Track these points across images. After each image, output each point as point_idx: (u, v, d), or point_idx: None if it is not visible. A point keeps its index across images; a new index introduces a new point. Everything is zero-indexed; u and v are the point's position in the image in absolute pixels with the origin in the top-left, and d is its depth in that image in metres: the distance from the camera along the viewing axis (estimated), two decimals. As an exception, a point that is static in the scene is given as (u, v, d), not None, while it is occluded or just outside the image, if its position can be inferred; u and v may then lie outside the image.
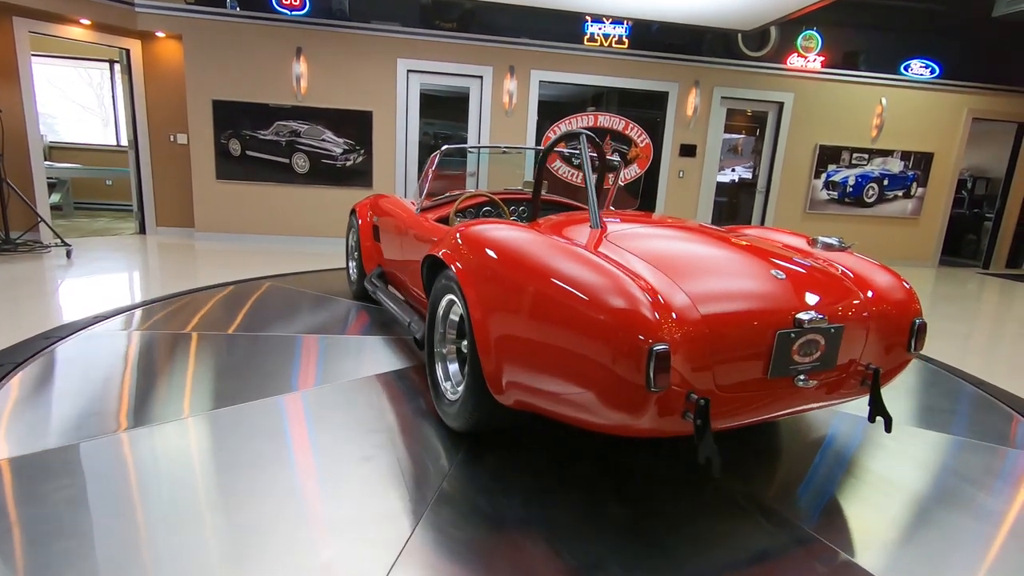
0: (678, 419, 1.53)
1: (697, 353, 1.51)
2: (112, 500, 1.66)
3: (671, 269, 1.71)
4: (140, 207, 6.72)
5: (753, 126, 8.09)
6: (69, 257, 5.13)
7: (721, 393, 1.58)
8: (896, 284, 1.98)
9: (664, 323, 1.47)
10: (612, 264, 1.66)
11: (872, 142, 7.50)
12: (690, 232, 2.18)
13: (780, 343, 1.63)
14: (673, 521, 1.73)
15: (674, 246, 2.00)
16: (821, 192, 7.56)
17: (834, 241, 2.17)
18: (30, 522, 1.53)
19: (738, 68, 7.07)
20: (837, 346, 1.73)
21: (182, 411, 2.24)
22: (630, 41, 6.78)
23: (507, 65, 6.62)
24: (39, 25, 5.63)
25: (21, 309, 3.56)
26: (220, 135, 6.37)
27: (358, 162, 6.64)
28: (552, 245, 1.81)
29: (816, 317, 1.66)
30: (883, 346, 1.87)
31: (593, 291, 1.55)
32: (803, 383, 1.70)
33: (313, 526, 1.59)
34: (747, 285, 1.74)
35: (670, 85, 7.00)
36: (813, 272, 1.91)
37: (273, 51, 6.25)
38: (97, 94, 9.49)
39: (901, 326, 1.89)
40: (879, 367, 1.84)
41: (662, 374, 1.42)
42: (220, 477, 1.81)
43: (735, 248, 2.00)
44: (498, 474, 1.91)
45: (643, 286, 1.55)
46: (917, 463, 2.20)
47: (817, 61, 7.16)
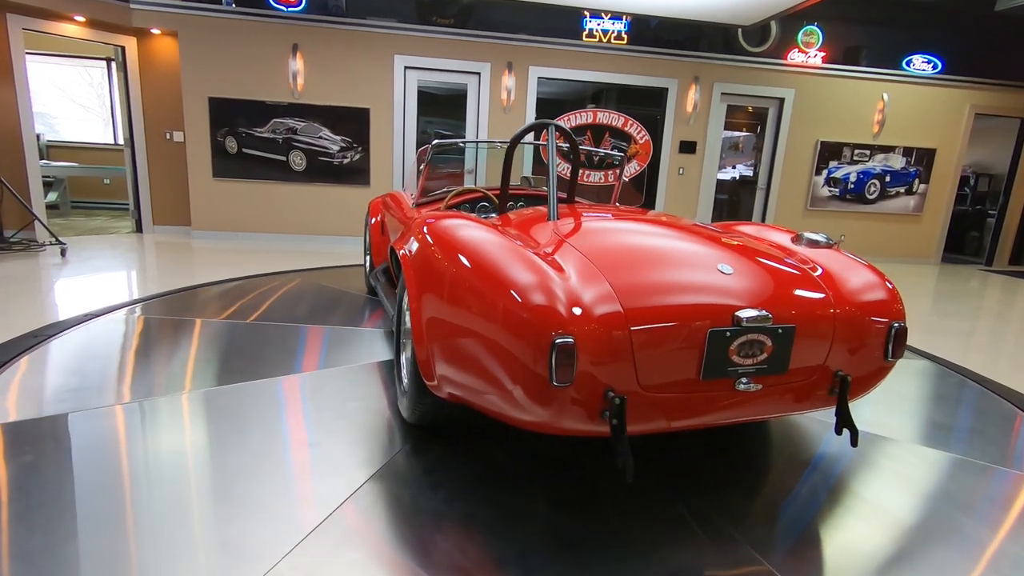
0: (597, 418, 1.48)
1: (614, 348, 1.45)
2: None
3: (607, 262, 1.64)
4: (136, 205, 6.69)
5: (753, 123, 8.04)
6: (64, 256, 5.10)
7: (647, 393, 1.52)
8: (875, 283, 1.83)
9: (572, 316, 1.43)
10: (540, 257, 1.64)
11: (874, 138, 7.44)
12: (653, 225, 2.11)
13: (713, 342, 1.54)
14: (601, 529, 1.64)
15: (623, 239, 1.92)
16: (822, 189, 7.50)
17: (819, 237, 2.07)
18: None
19: (738, 64, 7.01)
20: (788, 349, 1.62)
21: (177, 388, 2.42)
22: (629, 37, 6.72)
23: (505, 61, 6.57)
24: (33, 22, 5.59)
25: (11, 308, 3.52)
26: (216, 133, 6.33)
27: (355, 160, 6.60)
28: (484, 237, 1.76)
29: (758, 315, 1.56)
30: (853, 351, 1.73)
31: (505, 282, 1.53)
32: (746, 387, 1.60)
33: (228, 503, 1.65)
34: (686, 279, 1.66)
35: (669, 81, 6.95)
36: (774, 269, 1.79)
37: (269, 48, 6.20)
38: (98, 94, 9.46)
39: (875, 330, 1.74)
40: (848, 374, 1.72)
41: (564, 368, 1.38)
42: (167, 454, 1.91)
43: (691, 242, 1.90)
44: (435, 468, 1.91)
45: (555, 279, 1.52)
46: (909, 486, 2.00)
47: (818, 56, 7.10)
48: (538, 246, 1.78)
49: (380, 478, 1.82)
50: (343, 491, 1.73)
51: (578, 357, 1.41)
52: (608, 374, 1.45)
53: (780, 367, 1.63)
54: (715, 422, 1.69)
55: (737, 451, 2.17)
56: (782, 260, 1.88)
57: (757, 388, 1.61)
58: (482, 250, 1.68)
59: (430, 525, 1.60)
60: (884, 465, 2.12)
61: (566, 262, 1.64)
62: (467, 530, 1.59)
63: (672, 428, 1.62)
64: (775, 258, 1.89)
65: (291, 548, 1.47)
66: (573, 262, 1.64)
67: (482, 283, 1.57)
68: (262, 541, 1.49)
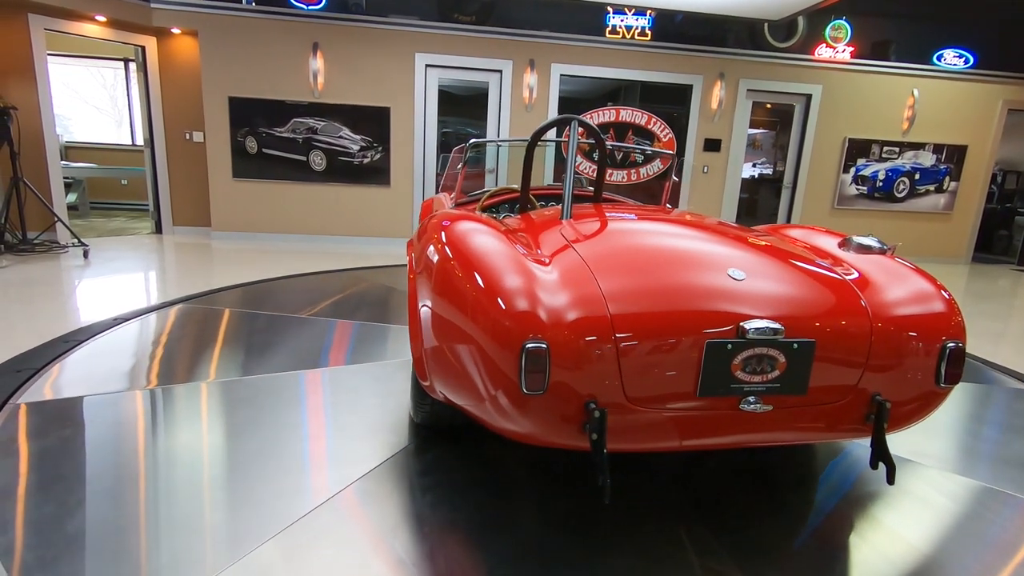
0: (579, 431, 1.38)
1: (595, 356, 1.35)
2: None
3: (603, 265, 1.52)
4: (156, 206, 6.65)
5: (772, 120, 7.89)
6: (86, 257, 5.06)
7: (635, 407, 1.40)
8: (927, 294, 1.59)
9: (546, 320, 1.34)
10: (532, 258, 1.54)
11: (903, 135, 7.26)
12: (673, 225, 1.97)
13: (712, 355, 1.39)
14: (585, 548, 1.53)
15: (630, 241, 1.78)
16: (850, 187, 7.34)
17: (870, 242, 1.83)
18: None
19: (764, 60, 6.86)
20: (806, 366, 1.44)
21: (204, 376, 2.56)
22: (653, 33, 6.60)
23: (527, 59, 6.47)
24: (55, 23, 5.55)
25: (39, 311, 3.47)
26: (236, 133, 6.28)
27: (376, 159, 6.52)
28: (475, 236, 1.65)
29: (767, 327, 1.39)
30: (895, 373, 1.51)
31: (483, 282, 1.44)
32: (753, 407, 1.43)
33: (220, 489, 1.71)
34: (688, 284, 1.50)
35: (694, 78, 6.81)
36: (800, 276, 1.60)
37: (289, 47, 6.14)
38: (111, 95, 9.46)
39: (923, 349, 1.50)
40: (888, 400, 1.50)
41: (535, 375, 1.30)
42: (184, 439, 2.02)
43: (705, 244, 1.76)
44: (431, 470, 1.87)
45: (538, 281, 1.42)
46: (942, 525, 1.74)
47: (846, 51, 6.93)
48: (537, 247, 1.68)
49: (373, 476, 1.80)
50: (332, 487, 1.73)
51: (552, 364, 1.32)
52: (590, 384, 1.35)
53: (797, 387, 1.46)
54: (718, 445, 1.54)
55: (761, 473, 2.01)
56: (814, 265, 1.70)
57: (767, 409, 1.44)
58: (469, 249, 1.59)
59: (408, 528, 1.57)
60: (920, 495, 1.91)
61: (559, 264, 1.53)
62: (442, 537, 1.54)
63: (667, 448, 1.49)
64: (806, 263, 1.70)
65: (260, 544, 1.47)
66: (566, 264, 1.53)
67: (463, 282, 1.50)
68: (242, 530, 1.53)
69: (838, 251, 1.88)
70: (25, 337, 2.93)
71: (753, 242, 1.81)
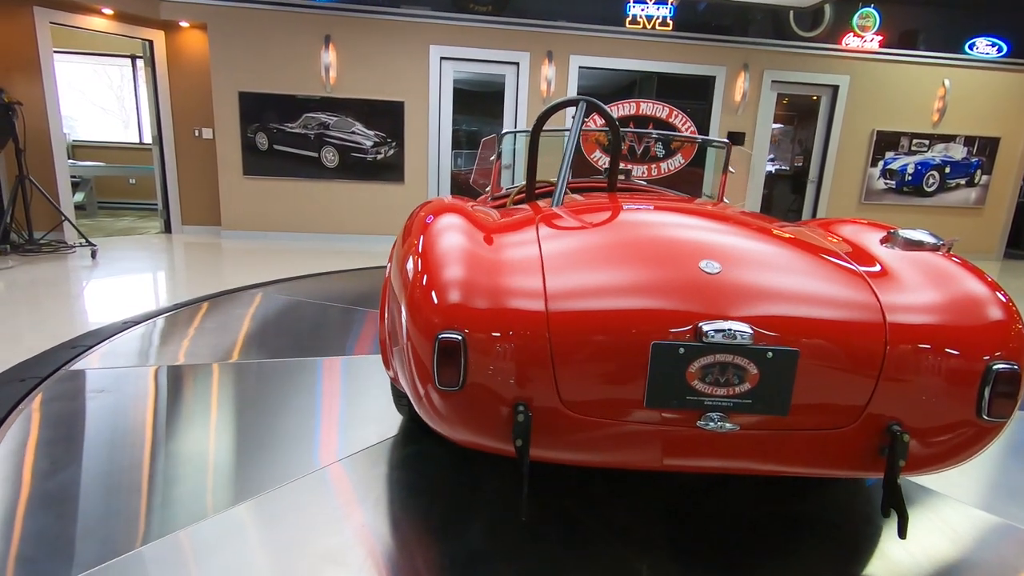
0: (506, 434, 1.25)
1: (524, 353, 1.22)
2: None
3: (560, 258, 1.36)
4: (165, 205, 6.50)
5: (790, 115, 7.66)
6: (94, 258, 4.90)
7: (572, 413, 1.25)
8: (976, 300, 1.29)
9: (465, 311, 1.23)
10: (486, 247, 1.39)
11: (933, 127, 7.01)
12: (670, 215, 1.75)
13: (660, 359, 1.20)
14: (520, 570, 1.40)
15: (605, 234, 1.55)
16: (878, 181, 7.10)
17: (922, 236, 1.52)
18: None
19: (790, 50, 6.63)
20: (787, 380, 1.21)
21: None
22: (674, 23, 6.38)
23: (545, 50, 6.26)
24: (60, 16, 5.40)
25: (47, 313, 3.31)
26: (247, 129, 6.11)
27: (389, 155, 6.34)
28: (440, 225, 1.50)
29: (729, 329, 1.18)
30: (916, 396, 1.23)
31: (419, 267, 1.34)
32: (716, 426, 1.23)
33: (214, 454, 1.81)
34: (643, 279, 1.31)
35: (717, 69, 6.59)
36: (798, 268, 1.37)
37: (301, 39, 5.96)
38: (117, 95, 9.31)
39: (958, 367, 1.21)
40: (907, 432, 1.23)
41: (448, 369, 1.21)
42: (190, 414, 2.14)
43: (691, 234, 1.52)
44: (403, 465, 1.83)
45: (477, 270, 1.30)
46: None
47: (875, 41, 6.69)
48: (503, 235, 1.50)
49: (340, 467, 1.79)
50: (293, 472, 1.74)
51: (469, 359, 1.21)
52: (518, 384, 1.22)
53: (774, 405, 1.23)
54: (676, 467, 1.32)
55: (760, 500, 1.71)
56: (823, 257, 1.44)
57: (731, 429, 1.23)
58: (419, 235, 1.46)
59: (347, 526, 1.52)
60: (941, 532, 1.59)
61: (510, 256, 1.37)
62: (381, 539, 1.47)
63: (613, 464, 1.32)
64: (814, 253, 1.44)
65: (200, 519, 1.50)
66: (518, 257, 1.37)
67: (403, 269, 1.41)
68: (190, 503, 1.57)
69: (875, 248, 1.56)
70: (32, 341, 2.76)
71: (758, 233, 1.56)
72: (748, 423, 1.24)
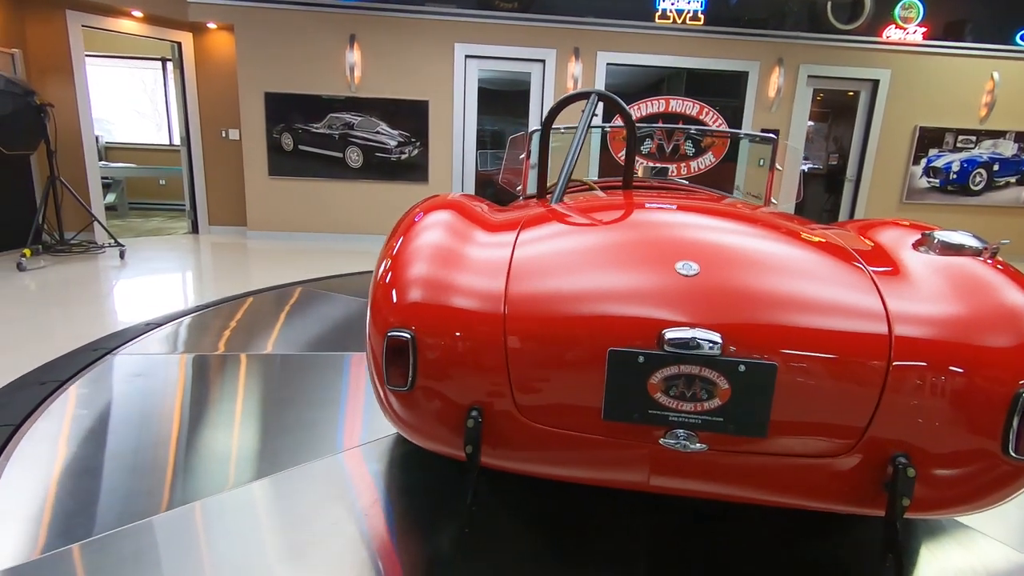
0: (459, 439, 1.20)
1: (475, 355, 1.16)
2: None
3: (534, 260, 1.27)
4: (193, 206, 6.55)
5: (824, 112, 7.38)
6: (123, 258, 4.94)
7: (528, 421, 1.18)
8: (1011, 315, 1.10)
9: (416, 308, 1.19)
10: (454, 247, 1.32)
11: (981, 122, 6.67)
12: (672, 214, 1.58)
13: (618, 368, 1.10)
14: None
15: (590, 233, 1.43)
16: (920, 180, 6.78)
17: (963, 239, 1.32)
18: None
19: (827, 43, 6.37)
20: (764, 397, 1.07)
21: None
22: (706, 17, 6.18)
23: (572, 47, 6.13)
24: (92, 19, 5.47)
25: (74, 313, 3.31)
26: (272, 129, 6.11)
27: (413, 155, 6.28)
28: (425, 222, 1.45)
29: (693, 338, 1.06)
30: (928, 427, 1.06)
31: (385, 266, 1.31)
32: (680, 445, 1.11)
33: (233, 450, 1.84)
34: (614, 282, 1.19)
35: (750, 64, 6.37)
36: (793, 269, 1.21)
37: (326, 39, 5.94)
38: (151, 99, 9.47)
39: (980, 394, 1.04)
40: (912, 465, 1.06)
41: (396, 369, 1.19)
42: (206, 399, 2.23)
43: (679, 233, 1.37)
44: (394, 465, 1.78)
45: (432, 270, 1.24)
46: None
47: (918, 32, 6.39)
48: (487, 235, 1.42)
49: (359, 451, 1.81)
50: (313, 455, 1.79)
51: (419, 358, 1.18)
52: (471, 388, 1.18)
53: (748, 425, 1.09)
54: (639, 486, 1.21)
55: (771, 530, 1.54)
56: (827, 257, 1.27)
57: (699, 449, 1.11)
58: (404, 231, 1.42)
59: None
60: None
61: (481, 255, 1.30)
62: (349, 542, 1.42)
63: (572, 478, 1.25)
64: (818, 253, 1.28)
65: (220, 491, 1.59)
66: (487, 256, 1.30)
67: (379, 264, 1.38)
68: (213, 478, 1.66)
69: (903, 251, 1.36)
70: (54, 343, 2.75)
71: (761, 232, 1.40)
72: (720, 444, 1.12)
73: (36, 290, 3.84)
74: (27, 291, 3.81)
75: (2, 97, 4.29)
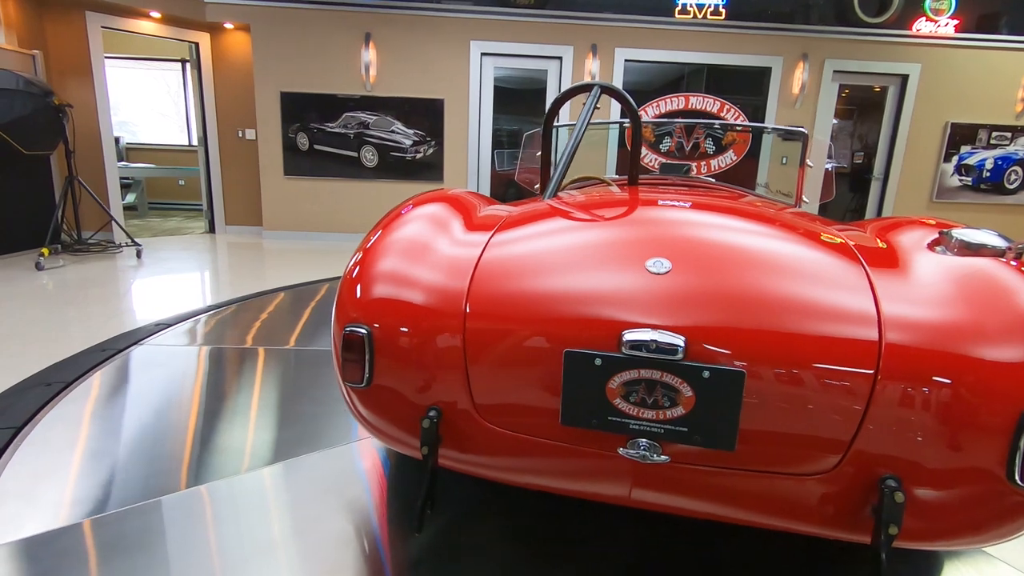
0: (416, 441, 1.17)
1: (435, 355, 1.13)
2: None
3: (504, 258, 1.21)
4: (209, 205, 6.58)
5: (849, 108, 7.16)
6: (139, 257, 4.96)
7: (486, 422, 1.14)
8: (1021, 325, 0.96)
9: (373, 304, 1.17)
10: (434, 241, 1.28)
11: (1016, 118, 6.41)
12: (664, 211, 1.47)
13: (574, 369, 1.04)
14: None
15: (569, 230, 1.35)
16: (951, 178, 6.54)
17: (985, 237, 1.17)
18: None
19: (854, 37, 6.17)
20: (731, 407, 0.98)
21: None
22: (727, 11, 6.03)
23: (589, 44, 6.02)
24: (111, 20, 5.51)
25: (88, 313, 3.31)
26: (288, 129, 6.11)
27: (428, 154, 6.23)
28: (410, 215, 1.41)
29: (653, 340, 0.98)
30: (921, 448, 0.95)
31: (356, 259, 1.30)
32: (639, 455, 1.03)
33: (249, 436, 1.91)
34: (581, 280, 1.11)
35: (773, 60, 6.20)
36: (778, 265, 1.10)
37: (341, 38, 5.91)
38: (175, 101, 9.57)
39: (983, 413, 0.91)
40: (901, 486, 0.95)
41: (352, 365, 1.16)
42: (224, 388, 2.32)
43: (656, 229, 1.28)
44: (389, 462, 1.78)
45: (399, 265, 1.21)
46: None
47: (950, 25, 6.16)
48: (468, 233, 1.35)
49: (321, 457, 1.80)
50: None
51: (376, 355, 1.15)
52: (429, 387, 1.14)
53: (715, 437, 1.00)
54: (599, 496, 1.14)
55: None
56: (825, 263, 1.13)
57: (660, 461, 1.03)
58: (383, 225, 1.39)
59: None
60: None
61: (452, 251, 1.25)
62: (350, 527, 1.44)
63: (530, 486, 1.19)
64: (814, 257, 1.15)
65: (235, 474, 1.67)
66: (457, 253, 1.25)
67: (353, 253, 1.37)
68: (228, 461, 1.75)
69: (915, 251, 1.22)
70: (63, 343, 2.73)
71: (754, 227, 1.30)
72: (685, 456, 1.04)
73: (54, 289, 3.86)
74: (45, 290, 3.82)
75: (21, 97, 4.33)
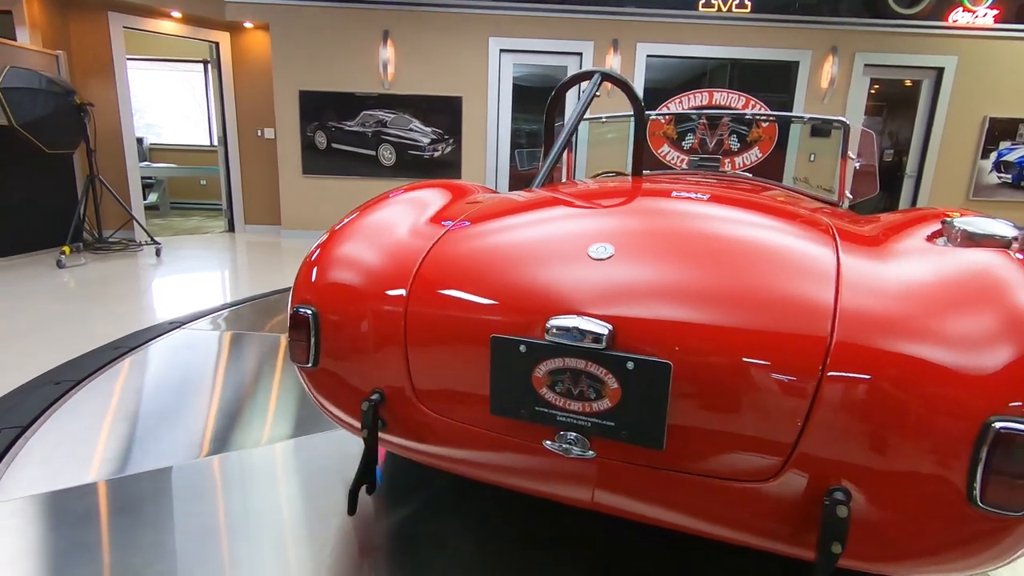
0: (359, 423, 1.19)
1: (376, 337, 1.14)
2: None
3: (461, 244, 1.20)
4: (229, 205, 6.60)
5: (879, 104, 6.92)
6: (159, 256, 4.98)
7: (424, 408, 1.13)
8: (1008, 323, 0.82)
9: (321, 284, 1.20)
10: (402, 226, 1.29)
11: (1060, 112, 6.13)
12: (645, 199, 1.37)
13: (501, 357, 1.01)
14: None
15: (537, 217, 1.30)
16: (989, 175, 6.28)
17: (992, 227, 1.01)
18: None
19: (886, 29, 5.95)
20: (657, 403, 0.90)
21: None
22: (753, 4, 5.86)
23: (610, 39, 5.90)
24: (132, 20, 5.55)
25: (107, 309, 3.30)
26: (306, 128, 6.09)
27: (446, 152, 6.17)
28: (388, 200, 1.43)
29: (576, 327, 0.93)
30: (871, 459, 0.83)
31: (319, 240, 1.32)
32: (564, 448, 0.99)
33: (270, 413, 2.02)
34: (520, 267, 1.08)
35: (801, 53, 6.01)
36: (736, 259, 0.99)
37: (359, 36, 5.88)
38: (199, 103, 9.67)
39: (940, 422, 0.80)
40: (847, 500, 0.84)
41: (299, 345, 1.19)
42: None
43: (612, 218, 1.20)
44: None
45: (353, 248, 1.24)
46: None
47: (988, 16, 5.90)
48: (445, 218, 1.36)
49: (324, 439, 1.85)
50: (273, 437, 1.87)
51: (322, 336, 1.18)
52: (369, 370, 1.15)
53: (642, 434, 0.93)
54: (532, 491, 1.11)
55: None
56: (789, 249, 1.02)
57: (586, 456, 0.98)
58: (362, 208, 1.41)
59: (268, 510, 1.53)
60: None
61: (412, 237, 1.26)
62: (302, 515, 1.45)
63: (466, 474, 1.18)
64: (778, 243, 1.04)
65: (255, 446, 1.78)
66: (413, 238, 1.25)
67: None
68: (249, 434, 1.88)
69: (911, 243, 1.06)
70: (85, 337, 2.71)
71: (735, 212, 1.21)
72: (613, 452, 0.97)
73: (75, 287, 3.87)
74: (66, 287, 3.84)
75: (44, 97, 4.36)
